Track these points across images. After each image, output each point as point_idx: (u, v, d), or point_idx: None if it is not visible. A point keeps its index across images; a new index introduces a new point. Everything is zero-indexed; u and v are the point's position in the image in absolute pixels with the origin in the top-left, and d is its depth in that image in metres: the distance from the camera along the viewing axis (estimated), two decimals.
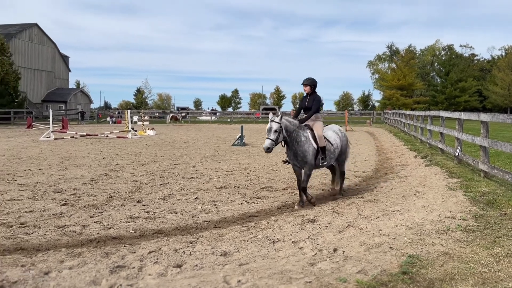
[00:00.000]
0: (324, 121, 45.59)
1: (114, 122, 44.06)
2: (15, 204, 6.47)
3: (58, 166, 10.75)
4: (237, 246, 4.46)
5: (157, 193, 7.50)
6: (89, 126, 36.79)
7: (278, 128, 6.31)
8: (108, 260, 4.03)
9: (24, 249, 4.49)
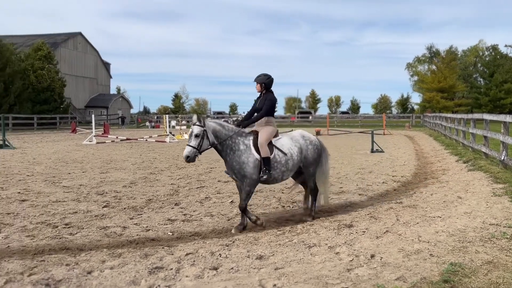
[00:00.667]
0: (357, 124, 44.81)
1: (153, 126, 45.17)
2: (60, 206, 6.76)
3: (100, 169, 11.14)
4: (272, 250, 4.46)
5: (194, 196, 7.62)
6: (129, 130, 37.92)
7: (200, 132, 5.36)
8: (147, 261, 4.13)
9: (69, 248, 4.68)
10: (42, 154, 15.12)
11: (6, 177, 9.53)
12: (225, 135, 5.51)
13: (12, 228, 5.45)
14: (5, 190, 7.95)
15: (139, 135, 27.45)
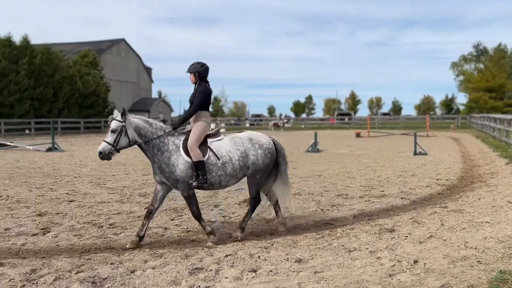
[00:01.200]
0: (399, 126, 43.52)
1: None
2: (105, 206, 7.01)
3: (142, 171, 11.47)
4: (311, 254, 4.42)
5: (232, 198, 7.68)
6: None
7: (118, 128, 4.92)
8: (187, 262, 4.20)
9: (113, 248, 4.84)
10: (88, 156, 15.75)
11: (55, 179, 10.00)
12: (151, 133, 5.02)
13: (61, 227, 5.71)
14: (55, 191, 8.34)
15: None
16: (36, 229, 5.56)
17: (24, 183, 9.33)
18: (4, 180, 9.65)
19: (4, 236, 5.26)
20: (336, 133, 36.12)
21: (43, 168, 11.97)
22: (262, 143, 5.33)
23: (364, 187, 8.82)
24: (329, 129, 43.15)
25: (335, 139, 26.10)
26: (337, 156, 15.34)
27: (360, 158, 14.73)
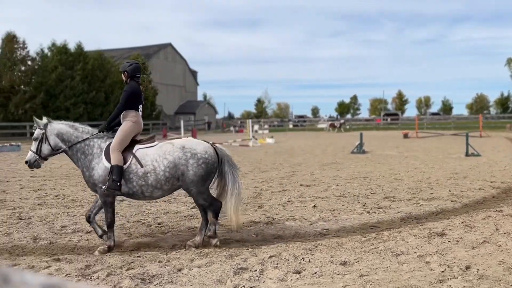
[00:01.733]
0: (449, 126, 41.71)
1: (237, 131, 46.52)
2: (153, 206, 7.25)
3: None
4: (357, 257, 4.35)
5: (276, 200, 7.70)
6: (215, 135, 39.44)
7: (39, 135, 4.87)
8: (232, 262, 4.26)
9: (161, 246, 4.99)
10: None
11: None
12: (75, 137, 4.88)
13: None
14: None
15: (224, 139, 28.42)
16: (90, 227, 5.84)
17: (78, 183, 9.82)
18: (61, 180, 10.21)
19: (61, 233, 5.57)
20: (382, 133, 35.22)
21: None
22: (195, 152, 4.82)
23: (412, 189, 8.55)
24: (375, 130, 42.16)
25: (381, 140, 25.46)
26: (384, 158, 14.96)
27: (408, 159, 14.28)
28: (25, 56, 35.96)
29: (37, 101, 34.30)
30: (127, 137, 4.85)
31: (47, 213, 6.68)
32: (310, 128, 51.63)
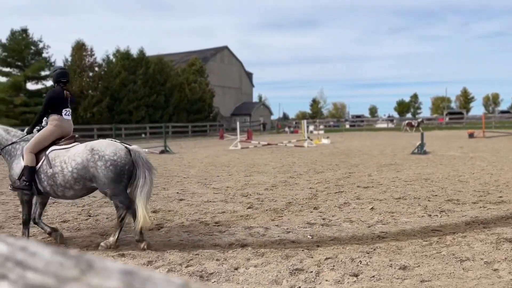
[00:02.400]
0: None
1: (291, 132, 46.40)
2: (211, 205, 7.43)
3: (244, 172, 11.90)
4: (417, 261, 4.19)
5: (332, 201, 7.60)
6: (270, 136, 39.62)
7: None
8: (288, 262, 4.27)
9: (218, 245, 5.12)
10: (196, 158, 16.81)
11: (167, 179, 10.86)
12: (6, 140, 5.13)
13: (172, 224, 6.19)
14: (167, 190, 9.07)
15: (279, 140, 28.48)
16: (152, 224, 6.10)
17: None
18: None
19: (124, 230, 5.87)
20: (445, 133, 33.55)
21: (156, 169, 13.08)
22: (103, 155, 4.82)
23: (478, 192, 8.08)
24: (437, 129, 40.24)
25: (444, 140, 24.26)
26: (447, 159, 14.25)
27: (473, 160, 13.49)
28: (93, 62, 38.26)
29: (103, 104, 36.37)
30: (43, 140, 5.04)
31: (113, 210, 7.06)
32: (368, 128, 50.32)
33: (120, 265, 0.19)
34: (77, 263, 0.20)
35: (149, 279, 0.18)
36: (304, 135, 24.40)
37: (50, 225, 5.51)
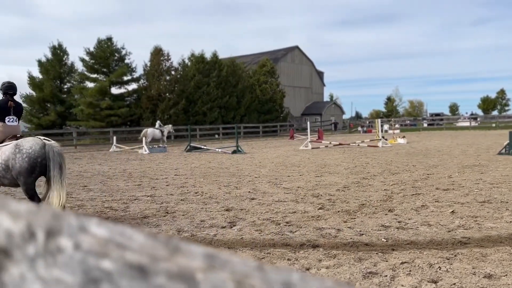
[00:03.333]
0: None
1: (364, 131, 45.12)
2: (282, 205, 7.47)
3: (315, 173, 11.80)
4: (505, 270, 3.87)
5: (409, 203, 7.27)
6: (342, 135, 38.86)
7: None
8: (361, 265, 4.17)
9: (289, 245, 5.13)
10: (266, 158, 16.99)
11: (239, 178, 11.11)
12: None
13: (244, 222, 6.32)
14: (239, 189, 9.28)
15: (351, 140, 27.84)
16: (225, 222, 6.29)
17: (214, 181, 10.63)
18: (200, 179, 11.18)
19: (200, 227, 6.11)
20: None
21: (229, 168, 13.43)
22: (22, 148, 5.67)
23: None
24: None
25: None
26: None
27: None
28: (169, 67, 40.22)
29: (179, 107, 38.10)
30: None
31: (188, 208, 7.38)
32: (448, 127, 47.40)
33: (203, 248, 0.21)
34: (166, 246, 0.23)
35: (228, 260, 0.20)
36: (378, 134, 23.62)
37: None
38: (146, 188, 9.73)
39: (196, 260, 0.20)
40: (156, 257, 0.21)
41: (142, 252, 0.22)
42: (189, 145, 22.19)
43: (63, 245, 0.28)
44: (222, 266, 0.19)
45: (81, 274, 0.26)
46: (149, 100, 37.60)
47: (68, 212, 0.30)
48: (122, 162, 16.64)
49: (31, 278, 0.30)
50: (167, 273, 0.20)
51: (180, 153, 20.81)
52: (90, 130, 32.61)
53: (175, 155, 19.96)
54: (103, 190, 9.55)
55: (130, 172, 12.95)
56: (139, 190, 9.38)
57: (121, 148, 24.38)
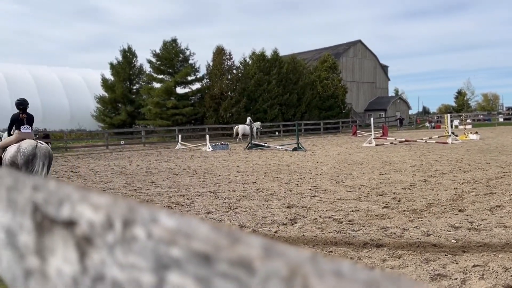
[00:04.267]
0: None
1: (432, 127, 42.98)
2: (344, 203, 7.35)
3: (379, 170, 11.46)
4: None
5: (482, 203, 6.84)
6: (408, 132, 37.30)
7: None
8: (429, 267, 4.00)
9: (352, 243, 5.04)
10: (328, 155, 16.77)
11: (300, 175, 11.08)
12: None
13: (306, 219, 6.31)
14: (300, 186, 9.26)
15: (418, 136, 26.64)
16: (286, 219, 6.31)
17: (275, 178, 10.70)
18: (261, 176, 11.31)
19: (262, 223, 6.19)
20: None
21: (290, 166, 13.44)
22: (21, 148, 7.39)
23: None
24: None
25: None
26: None
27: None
28: (231, 65, 40.95)
29: (241, 105, 38.70)
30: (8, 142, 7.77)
31: (250, 204, 7.50)
32: None
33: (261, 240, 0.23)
34: (227, 236, 0.25)
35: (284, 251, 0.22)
36: (447, 130, 22.40)
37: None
38: (209, 184, 10.02)
39: (254, 249, 0.22)
40: (218, 246, 0.23)
41: (206, 241, 0.24)
42: (251, 143, 22.50)
43: (137, 234, 0.31)
44: (277, 256, 0.21)
45: (153, 260, 0.29)
46: (211, 99, 38.57)
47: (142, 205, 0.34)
48: (187, 159, 17.26)
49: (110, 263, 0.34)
50: (228, 260, 0.22)
51: (242, 151, 21.15)
52: (157, 128, 34.14)
53: (237, 152, 20.33)
54: (170, 186, 9.98)
55: (195, 169, 13.40)
56: (203, 186, 9.69)
57: (186, 145, 25.27)
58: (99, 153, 23.06)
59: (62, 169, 14.63)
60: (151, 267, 0.29)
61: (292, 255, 0.20)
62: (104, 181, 11.17)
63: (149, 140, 32.40)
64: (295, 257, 0.20)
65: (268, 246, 0.22)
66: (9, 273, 0.56)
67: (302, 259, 0.20)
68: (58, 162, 17.69)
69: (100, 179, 11.60)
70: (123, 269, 0.33)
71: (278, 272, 0.19)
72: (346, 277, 0.18)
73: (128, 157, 19.45)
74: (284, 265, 0.19)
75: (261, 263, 0.20)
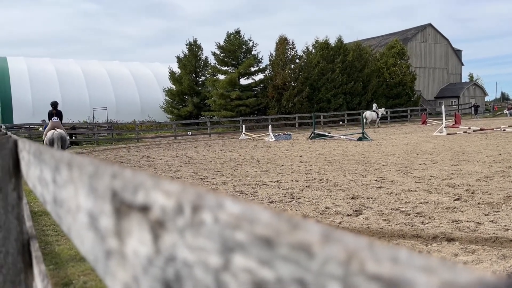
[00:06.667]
0: None
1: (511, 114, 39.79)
2: (412, 195, 7.08)
3: (450, 161, 10.87)
4: None
5: None
6: (483, 120, 34.87)
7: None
8: (506, 263, 3.76)
9: (420, 236, 4.86)
10: (395, 145, 16.18)
11: (365, 166, 10.82)
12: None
13: (371, 211, 6.16)
14: (365, 177, 9.05)
15: (495, 124, 24.81)
16: (350, 210, 6.22)
17: (339, 168, 10.54)
18: (324, 166, 11.20)
19: (325, 213, 6.15)
20: None
21: (354, 156, 13.16)
22: (47, 134, 10.67)
23: None
24: None
25: None
26: None
27: None
28: (294, 55, 40.70)
29: (303, 94, 38.42)
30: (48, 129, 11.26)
31: (313, 194, 7.47)
32: None
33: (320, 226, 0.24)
34: (287, 222, 0.27)
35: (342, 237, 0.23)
36: None
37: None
38: (272, 174, 10.11)
39: (313, 235, 0.23)
40: (279, 231, 0.25)
41: (268, 227, 0.26)
42: (313, 132, 22.29)
43: (205, 219, 0.34)
44: (336, 241, 0.22)
45: (220, 243, 0.31)
46: (274, 89, 38.67)
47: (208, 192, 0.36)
48: (251, 149, 17.52)
49: (181, 246, 0.37)
50: (289, 244, 0.23)
51: (305, 140, 21.05)
52: (222, 119, 34.96)
53: (300, 142, 20.26)
54: (234, 175, 10.21)
55: (258, 159, 13.58)
56: (266, 176, 9.80)
57: (249, 136, 25.64)
58: (168, 143, 24.14)
59: (134, 159, 15.52)
60: (217, 250, 0.31)
61: (349, 241, 0.21)
62: (172, 170, 11.69)
63: (214, 131, 33.27)
64: (352, 242, 0.21)
65: (327, 233, 0.23)
66: (92, 253, 0.63)
67: (359, 245, 0.20)
68: (131, 152, 18.79)
69: (169, 168, 12.16)
70: (193, 251, 0.35)
71: (336, 256, 0.20)
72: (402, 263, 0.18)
73: (195, 147, 20.15)
74: (342, 249, 0.20)
75: (320, 247, 0.21)
